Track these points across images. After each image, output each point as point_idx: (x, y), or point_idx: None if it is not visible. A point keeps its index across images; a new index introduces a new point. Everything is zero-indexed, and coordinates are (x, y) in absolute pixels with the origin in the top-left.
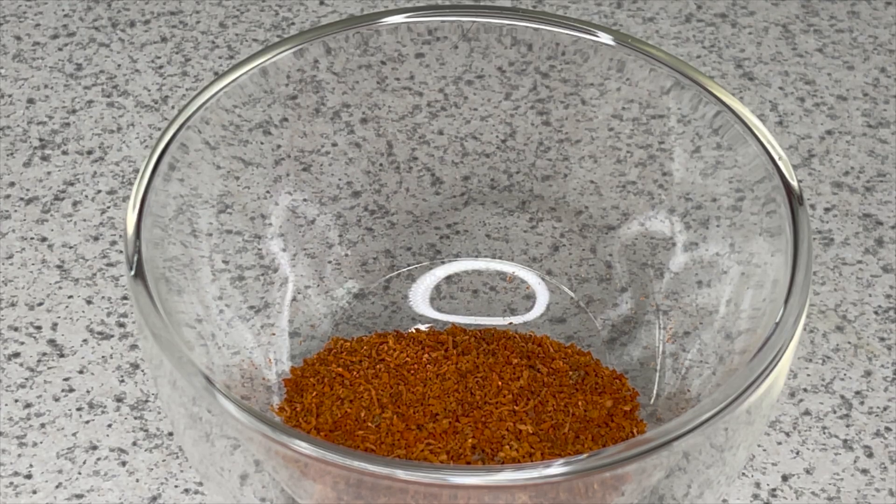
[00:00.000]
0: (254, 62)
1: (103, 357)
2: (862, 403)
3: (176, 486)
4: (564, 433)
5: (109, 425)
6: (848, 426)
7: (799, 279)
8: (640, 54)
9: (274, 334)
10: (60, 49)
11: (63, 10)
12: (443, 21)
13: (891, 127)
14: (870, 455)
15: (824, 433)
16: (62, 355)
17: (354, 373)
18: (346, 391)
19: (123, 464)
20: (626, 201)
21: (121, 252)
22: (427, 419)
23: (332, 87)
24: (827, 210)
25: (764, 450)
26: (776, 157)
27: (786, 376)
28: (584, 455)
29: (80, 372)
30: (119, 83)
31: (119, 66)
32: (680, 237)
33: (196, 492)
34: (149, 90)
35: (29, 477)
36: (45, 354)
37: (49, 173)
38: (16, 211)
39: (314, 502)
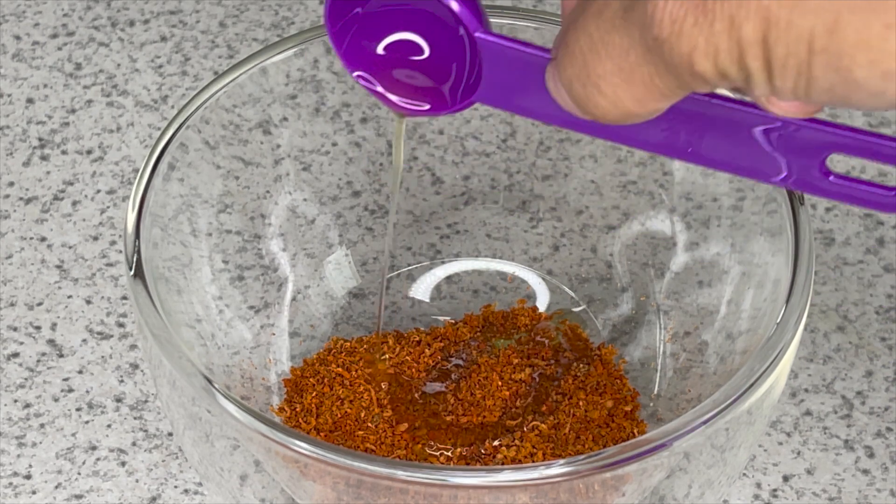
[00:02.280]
0: (254, 62)
1: (103, 357)
2: (863, 404)
3: (176, 487)
4: (565, 433)
5: (109, 425)
6: (849, 426)
7: (800, 279)
8: None
9: (274, 334)
10: (60, 48)
11: (62, 10)
12: None
13: (892, 126)
14: (871, 455)
15: (825, 433)
16: (61, 355)
17: (354, 373)
18: (346, 391)
19: (123, 464)
20: (627, 201)
21: (120, 252)
22: (427, 418)
23: (332, 87)
24: (828, 210)
25: (765, 450)
26: None
27: (787, 376)
28: (585, 455)
29: (80, 372)
30: (118, 83)
31: (119, 65)
32: (681, 237)
33: (196, 492)
34: (148, 90)
35: (28, 477)
36: (44, 354)
37: (48, 173)
38: (15, 211)
39: (314, 502)
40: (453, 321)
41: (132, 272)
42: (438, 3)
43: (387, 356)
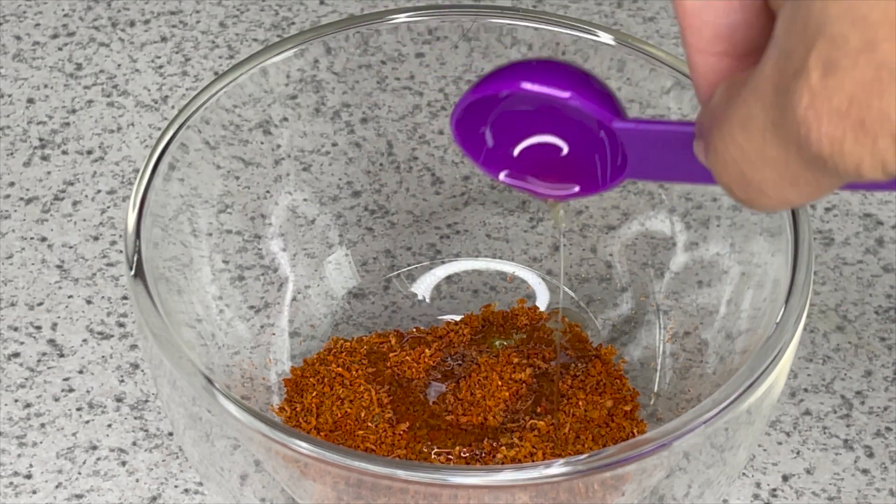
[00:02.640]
0: (254, 62)
1: (103, 357)
2: (862, 403)
3: (176, 486)
4: (565, 433)
5: (109, 425)
6: (848, 426)
7: (799, 279)
8: (640, 54)
9: (274, 334)
10: (60, 49)
11: (63, 10)
12: (443, 21)
13: None
14: (870, 455)
15: (825, 433)
16: (62, 355)
17: (354, 373)
18: (346, 391)
19: (123, 464)
20: (627, 201)
21: (121, 252)
22: (427, 418)
23: (332, 87)
24: (827, 210)
25: (764, 450)
26: None
27: (786, 376)
28: (585, 455)
29: (80, 372)
30: (119, 83)
31: (119, 65)
32: (680, 237)
33: (196, 492)
34: (149, 90)
35: (29, 477)
36: (44, 354)
37: (49, 173)
38: (16, 211)
39: (314, 502)
40: (454, 321)
41: (132, 272)
42: (567, 104)
43: (396, 350)
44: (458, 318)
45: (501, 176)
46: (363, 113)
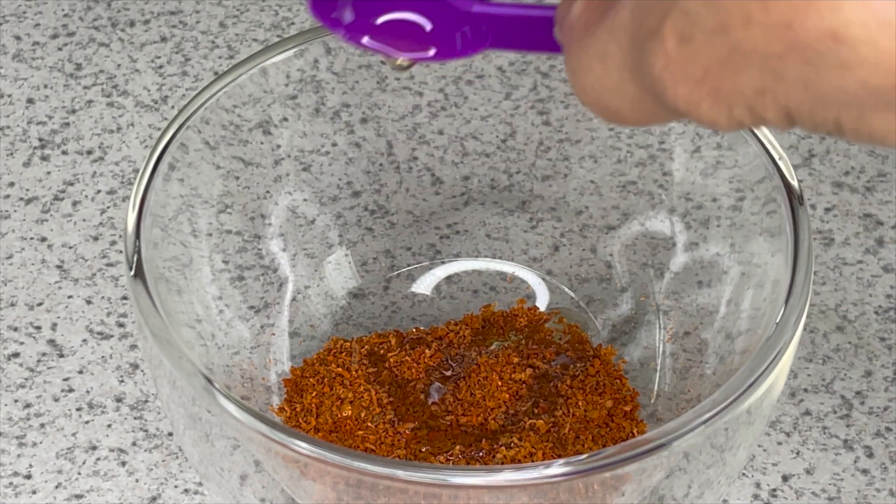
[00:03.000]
0: (254, 62)
1: (103, 357)
2: (862, 403)
3: (176, 486)
4: (564, 433)
5: (109, 425)
6: (848, 426)
7: (799, 279)
8: None
9: (274, 334)
10: (60, 49)
11: (63, 10)
12: None
13: None
14: (870, 455)
15: (825, 433)
16: (62, 355)
17: (354, 373)
18: (346, 391)
19: (123, 464)
20: (627, 201)
21: (121, 252)
22: (427, 419)
23: (332, 87)
24: (827, 210)
25: (764, 450)
26: (776, 157)
27: (786, 376)
28: (584, 455)
29: (80, 372)
30: (119, 83)
31: (119, 65)
32: (680, 237)
33: (196, 492)
34: (148, 90)
35: (29, 477)
36: (44, 354)
37: (49, 173)
38: (15, 211)
39: (314, 502)
40: (454, 322)
41: (132, 272)
42: None
43: (395, 351)
44: (458, 318)
45: (364, 40)
46: (363, 113)
